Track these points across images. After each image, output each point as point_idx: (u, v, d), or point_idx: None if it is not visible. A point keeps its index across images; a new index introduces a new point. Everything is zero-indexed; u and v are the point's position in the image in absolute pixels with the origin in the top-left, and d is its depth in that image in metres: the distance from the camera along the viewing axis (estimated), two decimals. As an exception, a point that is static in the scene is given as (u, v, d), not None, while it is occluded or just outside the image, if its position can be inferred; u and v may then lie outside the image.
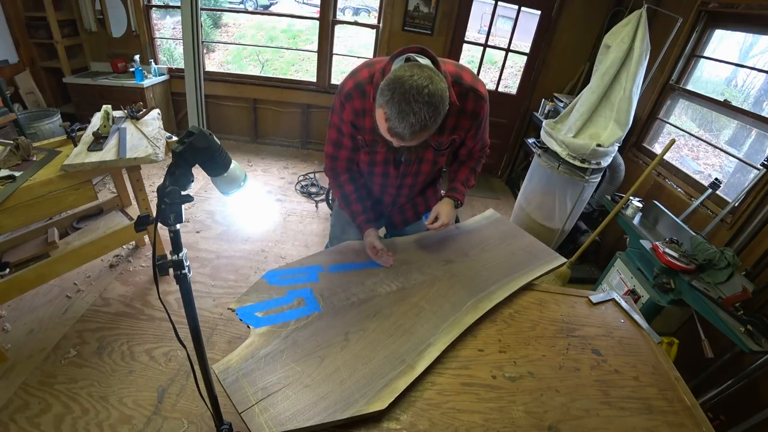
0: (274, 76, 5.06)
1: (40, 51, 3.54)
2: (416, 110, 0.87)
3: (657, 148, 2.95)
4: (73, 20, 3.58)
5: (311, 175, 3.76)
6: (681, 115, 3.29)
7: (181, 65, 3.69)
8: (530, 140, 3.23)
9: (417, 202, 1.47)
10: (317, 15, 3.85)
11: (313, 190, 3.53)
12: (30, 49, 3.46)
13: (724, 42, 2.76)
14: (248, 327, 1.01)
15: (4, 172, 1.68)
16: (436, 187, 1.51)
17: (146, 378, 1.76)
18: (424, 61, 1.00)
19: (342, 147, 1.24)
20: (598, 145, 2.45)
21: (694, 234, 1.97)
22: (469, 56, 6.10)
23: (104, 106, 2.15)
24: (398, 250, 1.37)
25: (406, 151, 1.18)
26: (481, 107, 1.14)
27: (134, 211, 2.35)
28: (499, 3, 3.56)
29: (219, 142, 0.81)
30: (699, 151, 3.87)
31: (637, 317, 1.29)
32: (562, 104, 3.32)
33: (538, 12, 3.62)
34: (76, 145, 1.93)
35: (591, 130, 2.60)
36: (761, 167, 1.96)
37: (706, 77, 3.07)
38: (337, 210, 1.60)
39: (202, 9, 3.50)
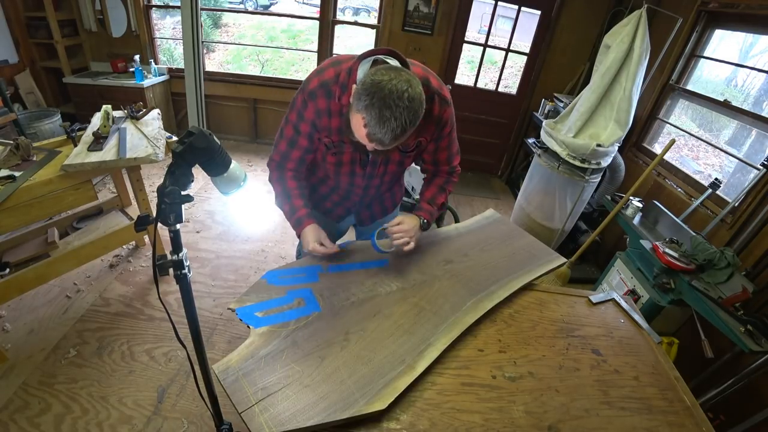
0: (274, 76, 5.06)
1: (40, 51, 3.54)
2: (397, 115, 0.85)
3: (657, 148, 2.95)
4: (73, 20, 3.58)
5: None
6: (681, 115, 3.29)
7: (181, 65, 3.69)
8: (530, 140, 3.24)
9: (384, 197, 1.46)
10: (317, 15, 3.85)
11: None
12: (30, 49, 3.46)
13: (724, 42, 2.76)
14: (248, 327, 1.01)
15: (4, 172, 1.68)
16: (401, 182, 1.50)
17: (146, 378, 1.76)
18: (394, 62, 0.97)
19: (296, 146, 1.19)
20: (598, 145, 2.45)
21: (694, 234, 1.97)
22: (469, 56, 6.10)
23: (104, 106, 2.15)
24: (398, 250, 1.37)
25: (373, 152, 1.15)
26: (445, 110, 1.14)
27: (134, 211, 2.35)
28: (499, 3, 3.56)
29: (219, 142, 0.81)
30: (699, 151, 3.87)
31: (637, 317, 1.29)
32: (562, 104, 3.32)
33: (538, 12, 3.62)
34: (76, 145, 1.93)
35: (591, 130, 2.60)
36: (761, 167, 1.96)
37: (706, 77, 3.07)
38: None
39: (202, 9, 3.50)
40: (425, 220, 1.28)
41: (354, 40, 7.30)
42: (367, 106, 0.86)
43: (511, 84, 5.93)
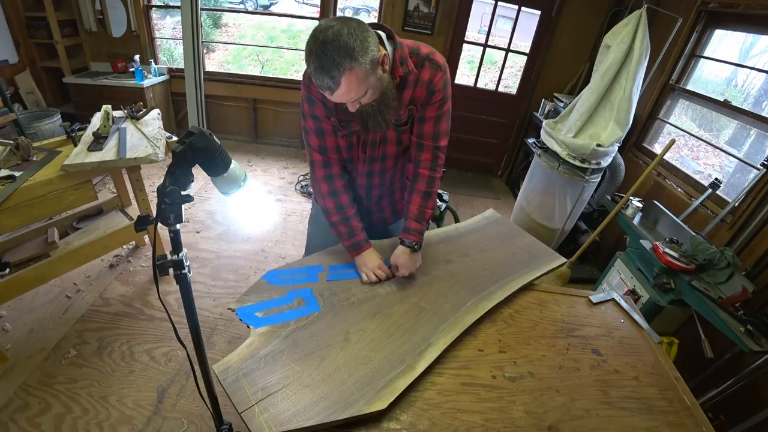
0: (274, 76, 5.06)
1: (40, 51, 3.54)
2: (328, 52, 0.86)
3: (657, 148, 2.95)
4: (73, 20, 3.58)
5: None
6: (681, 115, 3.29)
7: (181, 65, 3.69)
8: (530, 140, 3.23)
9: (395, 200, 1.42)
10: (317, 15, 3.85)
11: (313, 190, 3.52)
12: (30, 49, 3.46)
13: (724, 42, 2.76)
14: (248, 327, 1.01)
15: (4, 172, 1.68)
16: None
17: (146, 378, 1.76)
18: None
19: (325, 133, 1.17)
20: (598, 145, 2.45)
21: (694, 234, 1.97)
22: (469, 56, 6.10)
23: (104, 106, 2.15)
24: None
25: (371, 133, 1.14)
26: (436, 74, 1.08)
27: (134, 211, 2.35)
28: (499, 3, 3.56)
29: (219, 142, 0.81)
30: (699, 151, 3.87)
31: (637, 317, 1.29)
32: (562, 104, 3.32)
33: (538, 12, 3.62)
34: (76, 145, 1.93)
35: (591, 130, 2.60)
36: (761, 167, 1.96)
37: (706, 77, 3.07)
38: (314, 218, 1.52)
39: (202, 9, 3.50)
40: (415, 243, 1.20)
41: (354, 40, 7.28)
42: (307, 58, 0.89)
43: (511, 84, 5.92)
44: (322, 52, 0.86)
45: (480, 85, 4.05)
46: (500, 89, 4.08)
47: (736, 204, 2.04)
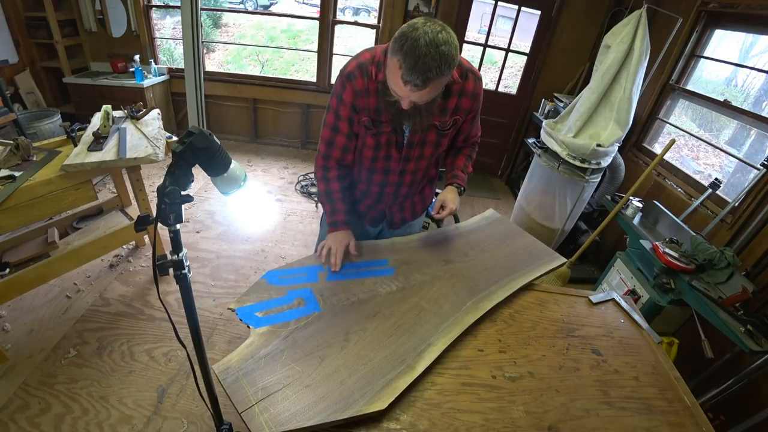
0: (274, 76, 5.07)
1: (40, 51, 3.54)
2: (431, 53, 0.87)
3: (657, 148, 2.95)
4: (73, 20, 3.59)
5: (311, 175, 3.76)
6: (681, 115, 3.29)
7: (181, 65, 3.69)
8: (530, 140, 3.23)
9: (415, 201, 1.47)
10: (317, 15, 3.85)
11: (313, 190, 3.53)
12: (30, 49, 3.47)
13: (724, 42, 2.76)
14: (248, 327, 1.01)
15: (4, 172, 1.68)
16: (432, 187, 1.50)
17: (146, 378, 1.76)
18: None
19: (338, 132, 1.21)
20: (598, 145, 2.45)
21: (694, 234, 1.97)
22: (469, 56, 6.10)
23: (104, 106, 2.15)
24: (398, 250, 1.37)
25: (410, 132, 1.18)
26: (480, 88, 1.18)
27: (134, 211, 2.35)
28: (499, 3, 3.56)
29: (219, 142, 0.81)
30: (699, 151, 3.87)
31: (637, 317, 1.29)
32: (562, 104, 3.32)
33: (538, 12, 3.62)
34: (76, 145, 1.93)
35: (591, 130, 2.60)
36: (761, 167, 1.96)
37: (706, 77, 3.07)
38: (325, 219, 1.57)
39: (202, 9, 3.50)
40: (463, 188, 1.35)
41: (354, 40, 7.30)
42: (402, 47, 0.89)
43: (511, 84, 5.93)
44: (427, 52, 0.87)
45: (480, 85, 4.04)
46: (500, 89, 4.08)
47: (736, 204, 2.04)
